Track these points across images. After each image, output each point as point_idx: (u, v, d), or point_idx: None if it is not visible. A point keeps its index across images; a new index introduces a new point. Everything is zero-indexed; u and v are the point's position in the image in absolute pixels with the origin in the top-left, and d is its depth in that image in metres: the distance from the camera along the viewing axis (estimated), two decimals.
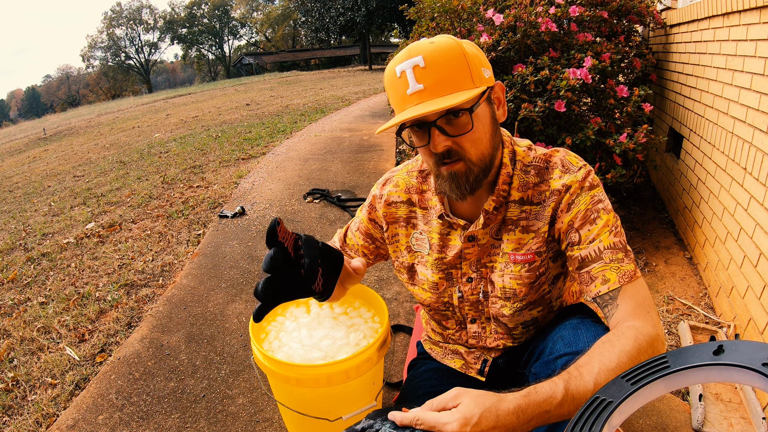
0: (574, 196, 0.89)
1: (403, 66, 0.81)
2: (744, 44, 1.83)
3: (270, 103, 11.06)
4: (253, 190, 4.13)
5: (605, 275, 0.85)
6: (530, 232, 0.94)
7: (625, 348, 0.74)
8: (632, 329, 0.77)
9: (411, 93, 0.81)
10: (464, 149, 0.85)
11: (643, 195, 3.20)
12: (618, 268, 0.85)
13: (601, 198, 0.90)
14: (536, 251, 0.94)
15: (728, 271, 1.91)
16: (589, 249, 0.87)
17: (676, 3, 2.91)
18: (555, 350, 0.89)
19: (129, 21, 45.97)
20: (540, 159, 0.95)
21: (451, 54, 0.81)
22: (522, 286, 0.96)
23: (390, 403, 1.61)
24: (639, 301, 0.83)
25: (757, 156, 1.70)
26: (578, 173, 0.91)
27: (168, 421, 1.62)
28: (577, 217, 0.88)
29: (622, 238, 0.88)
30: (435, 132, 0.83)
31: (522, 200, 0.94)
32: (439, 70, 0.80)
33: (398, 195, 1.07)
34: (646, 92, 2.40)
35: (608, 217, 0.88)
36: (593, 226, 0.87)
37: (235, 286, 2.51)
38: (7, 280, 2.99)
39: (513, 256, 0.96)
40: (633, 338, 0.75)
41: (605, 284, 0.85)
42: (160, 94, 25.28)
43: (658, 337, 0.78)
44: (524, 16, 2.48)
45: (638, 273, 0.86)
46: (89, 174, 5.99)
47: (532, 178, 0.94)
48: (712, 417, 1.44)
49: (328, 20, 23.79)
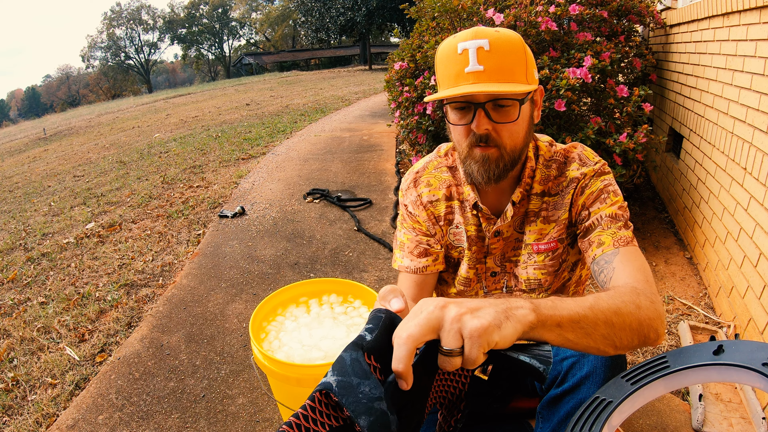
0: (587, 180, 0.95)
1: (467, 45, 0.84)
2: (744, 44, 1.83)
3: (270, 103, 11.06)
4: (253, 190, 4.13)
5: (601, 239, 0.88)
6: (551, 222, 0.99)
7: (624, 298, 0.68)
8: (632, 288, 0.73)
9: (469, 72, 0.83)
10: (501, 138, 0.88)
11: (643, 195, 3.20)
12: (614, 233, 0.88)
13: (612, 183, 0.95)
14: (558, 239, 0.98)
15: (728, 271, 1.91)
16: (591, 219, 0.92)
17: (676, 3, 2.91)
18: (561, 351, 0.88)
19: (129, 21, 45.93)
20: (560, 154, 1.00)
21: (515, 46, 0.85)
22: (546, 275, 1.00)
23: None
24: (637, 266, 0.82)
25: (757, 156, 1.70)
26: (594, 165, 0.97)
27: (168, 421, 1.62)
28: (589, 198, 0.94)
29: (626, 214, 0.91)
30: (481, 113, 0.85)
31: (543, 193, 0.99)
32: (501, 58, 0.83)
33: (434, 194, 1.06)
34: (646, 92, 2.40)
35: (617, 198, 0.93)
36: (603, 204, 0.92)
37: (235, 286, 2.51)
38: (7, 280, 2.99)
39: (536, 246, 0.99)
40: (633, 293, 0.70)
41: (600, 247, 0.88)
42: (160, 94, 25.28)
43: (658, 307, 0.72)
44: (524, 15, 2.48)
45: (635, 242, 0.88)
46: (89, 174, 5.99)
47: (553, 171, 0.99)
48: (712, 417, 1.44)
49: (328, 20, 23.77)
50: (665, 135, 2.99)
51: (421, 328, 0.53)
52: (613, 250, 0.85)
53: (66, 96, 56.24)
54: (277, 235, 3.14)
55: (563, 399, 0.83)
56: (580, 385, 0.81)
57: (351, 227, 3.16)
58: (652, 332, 0.68)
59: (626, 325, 0.65)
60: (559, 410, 0.83)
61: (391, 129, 5.90)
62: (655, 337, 0.69)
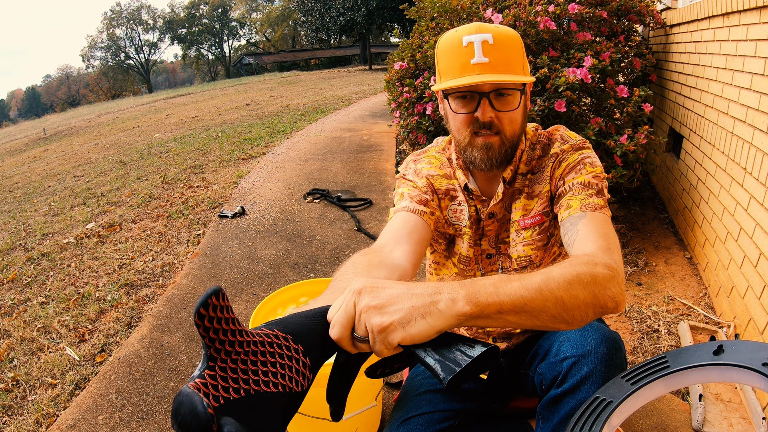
0: (566, 153, 0.99)
1: (472, 38, 0.89)
2: (744, 44, 1.83)
3: (270, 103, 11.06)
4: (253, 190, 4.13)
5: (570, 203, 0.90)
6: (533, 197, 1.02)
7: (578, 271, 0.64)
8: (590, 257, 0.70)
9: (474, 63, 0.88)
10: (503, 124, 0.93)
11: (643, 195, 3.20)
12: (583, 199, 0.90)
13: (590, 156, 0.97)
14: (543, 212, 1.01)
15: (728, 271, 1.91)
16: (565, 187, 0.95)
17: (676, 3, 2.91)
18: (561, 351, 0.88)
19: (129, 21, 45.95)
20: (544, 136, 1.06)
21: (515, 41, 0.92)
22: (536, 250, 1.02)
23: (390, 402, 1.61)
24: (601, 232, 0.81)
25: (757, 156, 1.70)
26: (574, 142, 1.01)
27: (168, 421, 1.62)
28: (565, 170, 0.97)
29: (601, 183, 0.93)
30: (485, 102, 0.91)
31: (527, 172, 1.03)
32: (504, 51, 0.89)
33: (434, 169, 1.08)
34: (647, 92, 2.40)
35: (594, 169, 0.95)
36: (578, 174, 0.94)
37: (235, 286, 2.51)
38: (7, 280, 2.99)
39: (522, 222, 1.02)
40: (590, 263, 0.67)
41: (567, 210, 0.89)
42: (160, 94, 25.27)
43: (617, 273, 0.69)
44: (523, 15, 2.48)
45: (607, 211, 0.89)
46: (89, 174, 5.99)
47: (537, 152, 1.04)
48: (712, 417, 1.44)
49: (328, 20, 23.77)
50: (665, 135, 2.99)
51: (341, 318, 0.55)
52: (580, 213, 0.87)
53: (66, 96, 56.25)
54: (277, 235, 3.14)
55: (563, 399, 0.83)
56: (580, 386, 0.81)
57: (351, 227, 3.16)
58: (609, 302, 0.65)
59: (580, 301, 0.62)
60: (559, 410, 0.83)
61: (391, 129, 5.90)
62: (613, 306, 0.66)
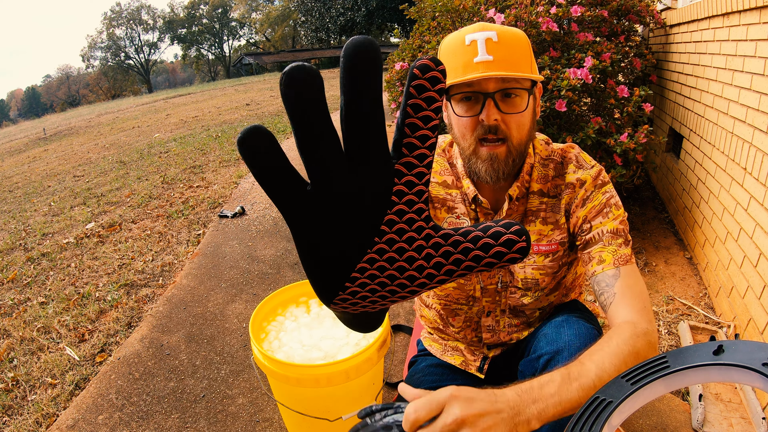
0: (588, 192, 0.94)
1: (475, 36, 0.84)
2: (744, 44, 1.83)
3: (270, 103, 11.06)
4: (253, 190, 4.12)
5: (602, 256, 0.88)
6: (549, 224, 0.98)
7: (624, 352, 0.72)
8: (631, 331, 0.77)
9: (478, 61, 0.84)
10: (510, 129, 0.87)
11: (643, 195, 3.20)
12: (615, 251, 0.88)
13: (613, 194, 0.94)
14: (560, 242, 0.98)
15: (728, 271, 1.91)
16: (593, 233, 0.92)
17: (676, 3, 2.91)
18: (538, 348, 0.89)
19: (129, 21, 45.96)
20: (557, 153, 0.99)
21: (521, 39, 0.87)
22: (545, 276, 0.99)
23: None
24: (636, 291, 0.84)
25: (757, 156, 1.70)
26: (591, 170, 0.95)
27: (168, 421, 1.62)
28: (591, 212, 0.93)
29: (626, 228, 0.92)
30: (490, 103, 0.85)
31: (541, 192, 0.98)
32: (509, 49, 0.85)
33: (433, 176, 1.03)
34: (647, 92, 2.40)
35: (619, 213, 0.92)
36: (605, 219, 0.92)
37: (235, 286, 2.51)
38: (7, 280, 2.99)
39: (536, 247, 0.98)
40: (632, 338, 0.74)
41: (600, 264, 0.88)
42: (160, 94, 25.27)
43: (654, 338, 0.78)
44: (525, 15, 2.48)
45: (634, 259, 0.89)
46: (89, 174, 5.99)
47: (551, 171, 0.98)
48: (712, 417, 1.44)
49: (328, 20, 23.78)
50: (665, 135, 2.99)
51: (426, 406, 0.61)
52: (614, 270, 0.86)
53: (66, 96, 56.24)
54: (277, 235, 3.14)
55: None
56: None
57: None
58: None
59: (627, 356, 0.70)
60: None
61: (391, 129, 5.90)
62: None
